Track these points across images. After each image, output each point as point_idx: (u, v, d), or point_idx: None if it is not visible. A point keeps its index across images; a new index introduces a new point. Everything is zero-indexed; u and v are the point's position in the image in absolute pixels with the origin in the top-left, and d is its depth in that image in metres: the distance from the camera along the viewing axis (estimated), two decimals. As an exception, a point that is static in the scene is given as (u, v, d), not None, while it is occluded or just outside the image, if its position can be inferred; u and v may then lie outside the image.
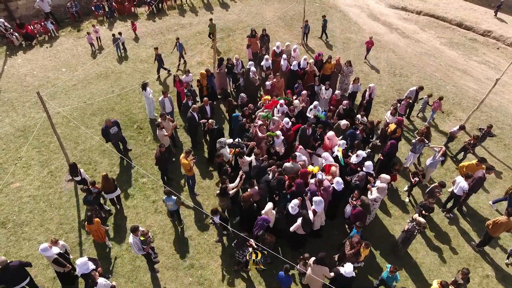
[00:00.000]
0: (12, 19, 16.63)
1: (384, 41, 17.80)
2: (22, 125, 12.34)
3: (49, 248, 7.42)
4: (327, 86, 12.34)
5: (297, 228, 8.14)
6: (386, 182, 9.01)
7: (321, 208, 8.29)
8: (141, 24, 17.83)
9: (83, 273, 7.14)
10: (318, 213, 8.34)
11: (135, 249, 7.83)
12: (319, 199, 8.22)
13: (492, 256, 9.24)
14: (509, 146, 12.36)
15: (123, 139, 11.14)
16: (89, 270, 7.11)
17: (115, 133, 10.49)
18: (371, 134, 10.76)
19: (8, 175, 10.41)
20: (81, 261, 7.16)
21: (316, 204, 8.19)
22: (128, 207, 9.96)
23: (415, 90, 12.37)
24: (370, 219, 9.57)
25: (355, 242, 7.75)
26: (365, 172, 9.24)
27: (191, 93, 11.85)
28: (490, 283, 8.66)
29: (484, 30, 18.65)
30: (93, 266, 7.27)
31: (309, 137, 10.39)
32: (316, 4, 20.75)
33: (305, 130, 10.36)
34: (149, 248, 8.05)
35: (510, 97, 14.80)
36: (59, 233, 9.24)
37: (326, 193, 8.76)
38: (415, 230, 8.33)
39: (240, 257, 8.12)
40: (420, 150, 10.66)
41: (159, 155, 9.68)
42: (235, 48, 16.55)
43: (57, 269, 7.75)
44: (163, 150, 9.69)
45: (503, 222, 8.59)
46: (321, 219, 8.60)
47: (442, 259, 9.05)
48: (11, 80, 14.36)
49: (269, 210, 8.32)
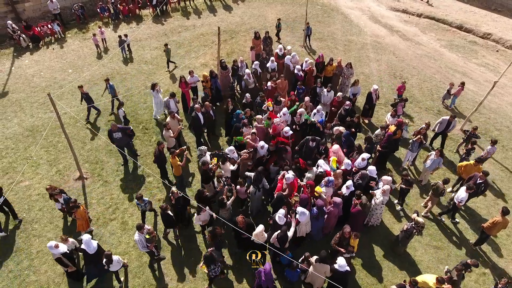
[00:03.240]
0: (20, 21, 16.96)
1: (385, 43, 18.06)
2: (30, 125, 12.63)
3: (55, 247, 7.66)
4: (329, 88, 12.59)
5: (274, 241, 8.05)
6: (389, 184, 9.22)
7: (305, 219, 8.30)
8: (145, 26, 18.13)
9: (92, 252, 7.81)
10: (302, 223, 8.41)
11: (140, 246, 8.14)
12: (301, 211, 8.21)
13: (489, 254, 9.48)
14: (507, 147, 12.60)
15: (128, 146, 11.14)
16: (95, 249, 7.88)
17: (118, 138, 10.55)
18: (359, 128, 11.13)
19: (20, 174, 10.69)
20: (85, 238, 7.81)
21: (300, 215, 8.24)
22: (134, 205, 10.23)
23: (447, 120, 11.37)
24: (378, 223, 9.75)
25: (347, 232, 8.04)
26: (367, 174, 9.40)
27: (206, 95, 12.21)
28: (486, 281, 8.90)
29: (484, 32, 18.89)
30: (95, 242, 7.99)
31: (313, 150, 10.36)
32: (318, 6, 21.02)
33: (309, 143, 10.31)
34: (153, 246, 8.36)
35: (509, 99, 15.04)
36: (68, 230, 9.54)
37: (337, 210, 8.73)
38: (413, 230, 8.58)
39: (212, 273, 7.86)
40: (417, 149, 10.91)
41: (157, 154, 10.00)
42: (238, 50, 16.83)
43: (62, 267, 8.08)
44: (161, 149, 10.00)
45: (500, 222, 8.83)
46: (306, 227, 8.64)
47: (439, 257, 9.30)
48: (19, 81, 14.67)
49: (260, 232, 8.03)
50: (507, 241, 9.80)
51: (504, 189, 11.15)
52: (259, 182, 9.10)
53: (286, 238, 7.92)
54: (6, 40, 16.88)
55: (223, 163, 9.66)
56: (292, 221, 8.30)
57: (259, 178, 9.09)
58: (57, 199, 9.10)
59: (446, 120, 11.30)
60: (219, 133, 12.43)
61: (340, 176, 9.57)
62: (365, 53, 17.16)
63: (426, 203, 10.34)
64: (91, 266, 8.12)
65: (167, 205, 8.79)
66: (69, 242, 8.22)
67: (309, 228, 8.79)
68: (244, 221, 8.05)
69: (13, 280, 8.50)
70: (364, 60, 16.63)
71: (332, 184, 9.05)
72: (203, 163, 9.48)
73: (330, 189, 9.06)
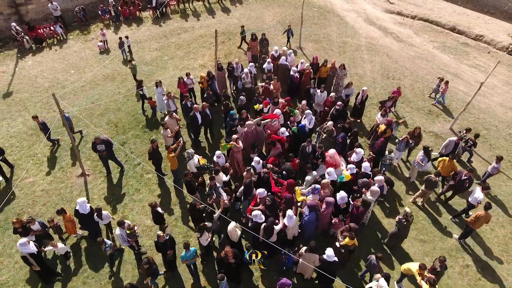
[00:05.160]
0: (23, 23, 17.41)
1: (379, 45, 18.50)
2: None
3: (24, 245, 7.86)
4: (322, 89, 13.03)
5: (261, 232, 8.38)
6: (381, 184, 9.59)
7: (292, 222, 8.64)
8: (145, 28, 18.60)
9: (83, 212, 8.82)
10: (289, 227, 8.75)
11: (121, 240, 8.61)
12: (289, 214, 8.57)
13: (473, 247, 9.92)
14: (494, 146, 13.04)
15: (112, 157, 11.13)
16: (88, 210, 8.89)
17: (101, 150, 10.60)
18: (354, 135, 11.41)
19: (24, 171, 11.16)
20: (80, 200, 8.81)
21: (287, 218, 8.59)
22: (134, 201, 10.70)
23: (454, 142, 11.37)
24: (365, 222, 10.05)
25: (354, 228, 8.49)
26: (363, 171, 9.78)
27: (209, 96, 12.61)
28: (469, 272, 9.35)
29: (476, 34, 19.33)
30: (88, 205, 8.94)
31: (309, 155, 10.64)
32: (314, 9, 21.48)
33: (305, 148, 10.59)
34: (134, 241, 8.80)
35: (498, 99, 15.48)
36: (71, 224, 10.01)
37: (331, 209, 9.08)
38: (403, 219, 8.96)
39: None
40: (404, 148, 11.36)
41: (151, 151, 10.48)
42: (235, 51, 17.28)
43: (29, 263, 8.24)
44: (155, 146, 10.47)
45: (482, 216, 9.27)
46: (293, 230, 9.03)
47: (425, 250, 9.74)
48: (23, 82, 15.13)
49: (232, 229, 8.49)
50: (490, 235, 10.24)
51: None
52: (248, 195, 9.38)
53: (272, 228, 8.27)
54: (9, 42, 17.35)
55: (216, 174, 9.70)
56: (280, 220, 8.64)
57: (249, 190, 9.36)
58: (30, 228, 8.61)
59: (453, 141, 11.28)
60: (217, 132, 12.87)
61: (328, 187, 9.48)
62: (359, 54, 17.61)
63: (415, 199, 10.78)
64: (86, 226, 9.32)
65: (156, 203, 9.16)
66: (58, 248, 8.60)
67: (297, 231, 9.15)
68: (233, 253, 7.88)
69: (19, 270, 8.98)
70: (358, 61, 17.07)
71: (318, 191, 9.24)
72: (185, 174, 9.58)
73: (317, 196, 9.24)
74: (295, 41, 17.96)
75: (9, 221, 9.98)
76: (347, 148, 11.25)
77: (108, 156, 10.99)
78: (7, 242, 9.55)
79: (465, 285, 9.06)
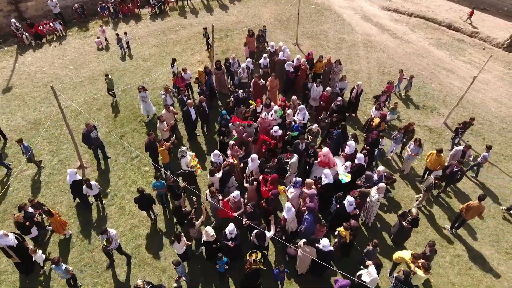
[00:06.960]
0: (23, 19, 17.59)
1: (375, 41, 18.66)
2: (33, 118, 13.27)
3: (3, 236, 8.00)
4: (318, 84, 13.20)
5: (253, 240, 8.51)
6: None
7: (291, 215, 8.75)
8: (144, 25, 18.77)
9: (74, 179, 9.56)
10: (289, 220, 8.88)
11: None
12: (288, 206, 8.69)
13: (465, 238, 10.08)
14: (487, 140, 13.20)
15: (102, 146, 11.49)
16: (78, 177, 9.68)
17: (95, 137, 10.87)
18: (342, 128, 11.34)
19: (22, 163, 11.31)
20: (70, 170, 9.58)
21: (286, 210, 8.73)
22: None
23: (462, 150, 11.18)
24: (371, 220, 10.03)
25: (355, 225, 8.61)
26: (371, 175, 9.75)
27: (202, 91, 12.65)
28: (460, 261, 9.51)
29: (472, 31, 19.49)
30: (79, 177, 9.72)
31: (302, 152, 10.58)
32: (311, 6, 21.65)
33: (298, 145, 10.55)
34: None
35: (492, 95, 15.64)
36: (69, 215, 10.19)
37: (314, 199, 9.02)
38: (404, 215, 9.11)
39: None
40: (400, 140, 11.53)
41: (148, 143, 10.65)
42: (233, 48, 17.45)
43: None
44: (152, 138, 10.63)
45: (475, 206, 9.43)
46: (292, 225, 9.07)
47: (417, 241, 9.90)
48: (22, 77, 15.31)
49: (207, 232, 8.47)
50: (482, 225, 10.40)
51: (481, 179, 11.75)
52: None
53: (263, 235, 8.34)
54: (9, 38, 17.54)
55: (211, 175, 9.64)
56: (271, 223, 8.58)
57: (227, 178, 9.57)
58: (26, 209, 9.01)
59: (460, 150, 11.07)
60: (213, 127, 13.02)
61: (311, 186, 9.30)
62: (356, 50, 17.78)
63: (420, 203, 10.76)
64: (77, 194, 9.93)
65: (143, 188, 9.27)
66: (37, 255, 8.39)
67: (295, 226, 9.13)
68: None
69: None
70: (354, 58, 17.24)
71: (299, 184, 9.28)
72: (168, 178, 9.47)
73: (298, 190, 9.27)
74: (292, 37, 18.12)
75: (8, 212, 10.18)
76: (341, 146, 11.22)
77: (98, 146, 11.28)
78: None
79: (456, 274, 9.23)
